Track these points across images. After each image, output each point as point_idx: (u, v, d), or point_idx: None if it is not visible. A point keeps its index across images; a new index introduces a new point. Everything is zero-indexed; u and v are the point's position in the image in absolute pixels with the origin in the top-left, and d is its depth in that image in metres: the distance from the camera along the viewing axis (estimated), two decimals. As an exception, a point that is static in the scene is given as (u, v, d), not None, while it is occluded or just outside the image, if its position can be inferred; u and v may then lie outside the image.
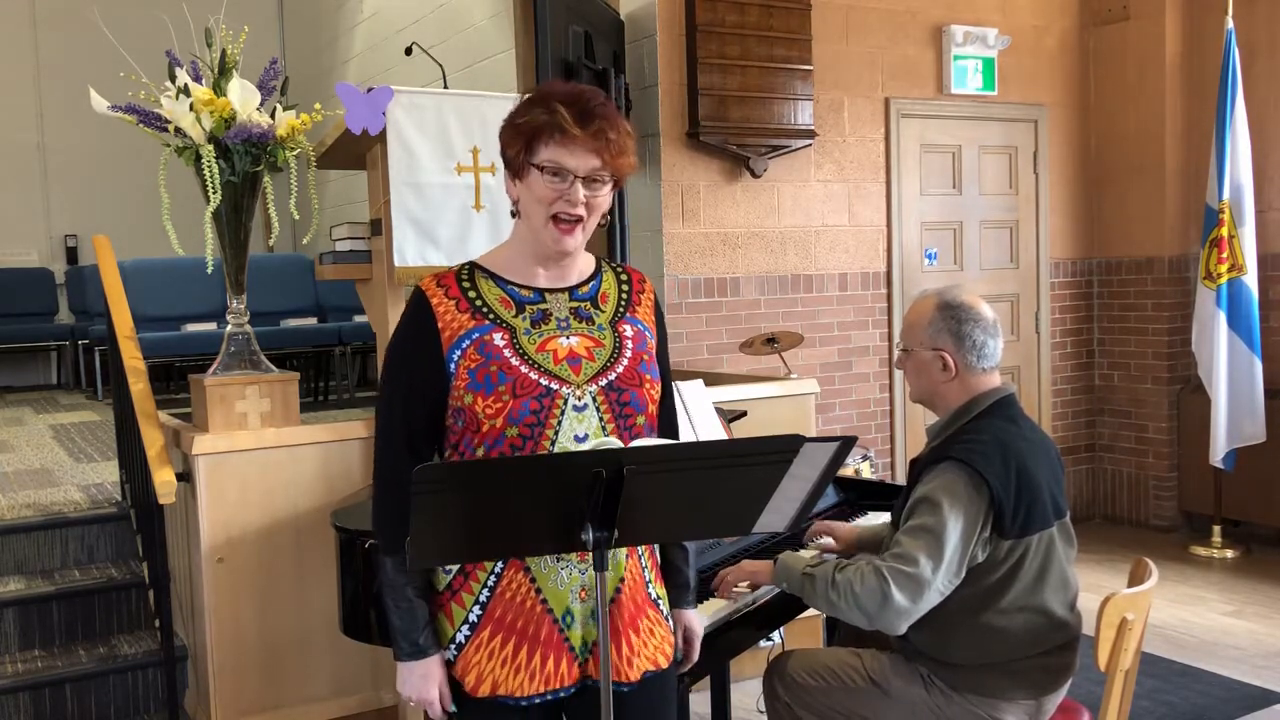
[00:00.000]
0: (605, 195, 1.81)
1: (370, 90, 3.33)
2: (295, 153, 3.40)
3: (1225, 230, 5.54)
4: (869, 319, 5.76)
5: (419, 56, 4.37)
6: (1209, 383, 5.59)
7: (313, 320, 7.71)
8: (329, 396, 7.54)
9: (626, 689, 1.85)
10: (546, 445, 1.76)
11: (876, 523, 2.90)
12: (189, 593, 3.50)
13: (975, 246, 6.14)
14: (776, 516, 1.71)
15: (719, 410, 3.14)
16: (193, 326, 7.11)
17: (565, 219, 1.78)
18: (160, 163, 3.26)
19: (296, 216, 3.37)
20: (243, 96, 3.25)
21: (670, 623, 1.97)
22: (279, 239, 4.41)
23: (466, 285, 1.85)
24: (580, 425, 1.78)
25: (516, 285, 1.86)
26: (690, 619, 2.05)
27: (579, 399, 1.78)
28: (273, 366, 3.50)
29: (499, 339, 1.79)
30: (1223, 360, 5.53)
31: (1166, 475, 6.27)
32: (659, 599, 1.94)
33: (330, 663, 3.41)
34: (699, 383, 3.11)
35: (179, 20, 3.45)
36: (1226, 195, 5.54)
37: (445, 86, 4.01)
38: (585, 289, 1.90)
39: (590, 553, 1.62)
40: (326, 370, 7.70)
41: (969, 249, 6.12)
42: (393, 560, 1.82)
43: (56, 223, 9.54)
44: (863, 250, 5.72)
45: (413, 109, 3.41)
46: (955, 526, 2.30)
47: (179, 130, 3.25)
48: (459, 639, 1.83)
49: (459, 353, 1.79)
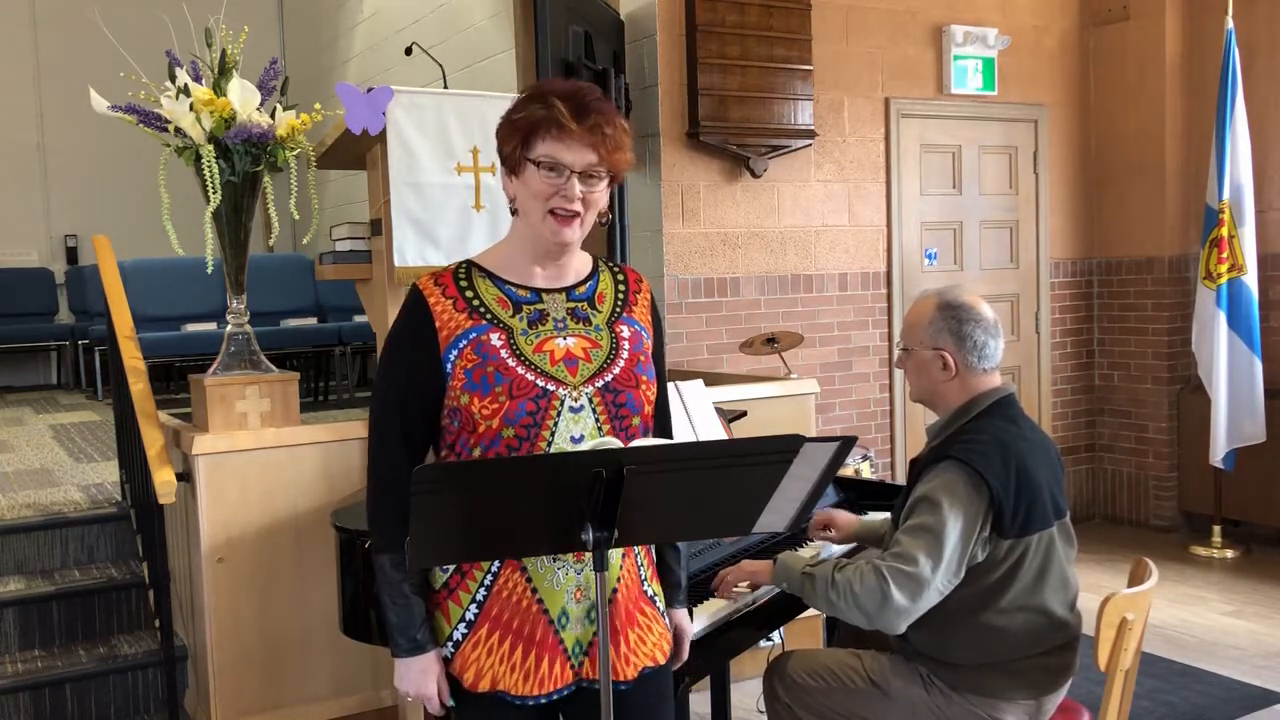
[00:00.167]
0: (602, 191, 1.81)
1: (370, 90, 3.33)
2: (295, 153, 3.40)
3: (1225, 230, 5.54)
4: (869, 319, 5.76)
5: (419, 56, 4.37)
6: (1209, 383, 5.59)
7: (313, 320, 7.71)
8: (329, 396, 7.55)
9: (624, 687, 1.85)
10: (543, 446, 1.76)
11: (878, 518, 2.90)
12: (189, 593, 3.50)
13: (975, 246, 6.14)
14: (776, 516, 1.71)
15: (719, 410, 3.14)
16: (193, 326, 7.11)
17: (562, 213, 1.78)
18: (160, 163, 3.26)
19: (296, 216, 3.37)
20: (243, 96, 3.25)
21: (666, 620, 1.97)
22: (279, 239, 4.42)
23: (464, 285, 1.84)
24: (576, 426, 1.77)
25: (514, 285, 1.85)
26: (680, 618, 2.06)
27: (575, 400, 1.78)
28: (273, 366, 3.50)
29: (496, 339, 1.79)
30: (1223, 360, 5.53)
31: (1166, 475, 6.27)
32: (655, 596, 1.95)
33: (330, 663, 3.41)
34: (699, 383, 3.11)
35: (179, 20, 3.45)
36: (1226, 195, 5.54)
37: (445, 86, 4.00)
38: (582, 289, 1.89)
39: (586, 553, 1.61)
40: (326, 370, 7.70)
41: (969, 249, 6.12)
42: (389, 557, 1.82)
43: (56, 223, 9.54)
44: (863, 250, 5.72)
45: (413, 109, 3.41)
46: (955, 526, 2.30)
47: (179, 130, 3.25)
48: (456, 636, 1.83)
49: (456, 352, 1.79)
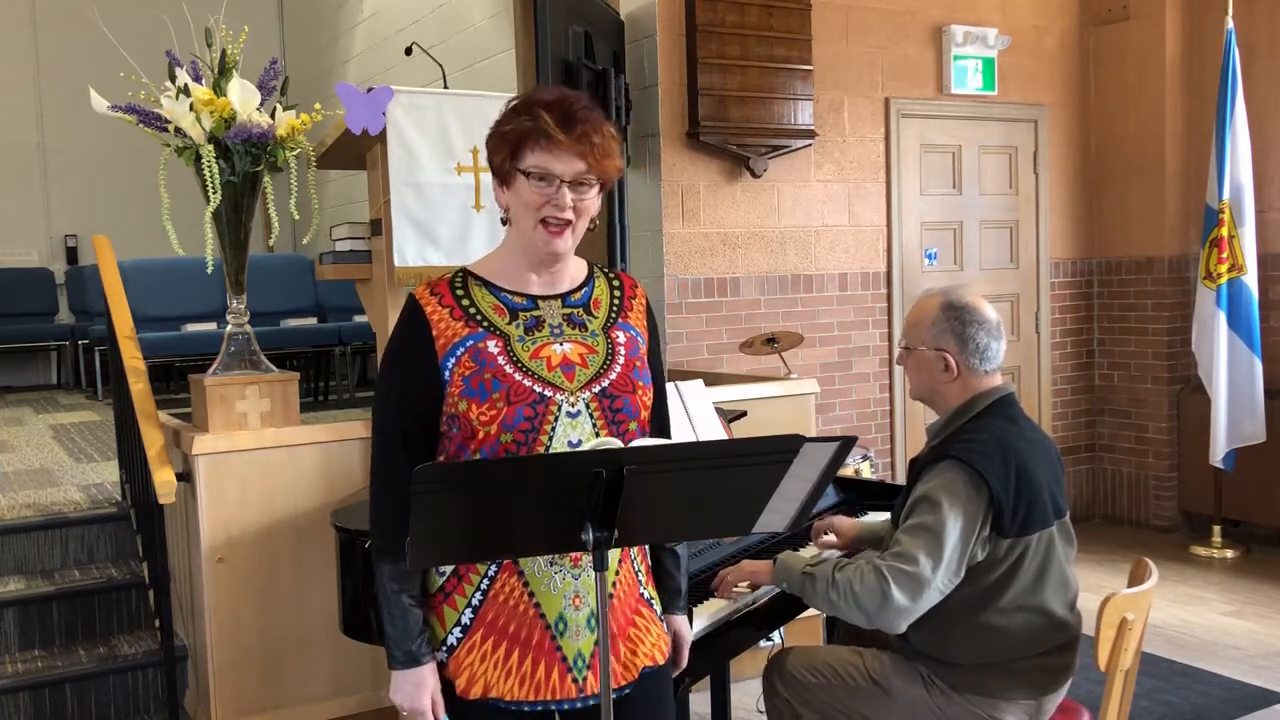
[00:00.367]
0: (592, 198, 1.82)
1: (370, 90, 3.33)
2: (295, 153, 3.40)
3: (1225, 230, 5.54)
4: (869, 319, 5.76)
5: (419, 56, 4.37)
6: (1209, 383, 5.59)
7: (313, 320, 7.71)
8: (329, 396, 7.55)
9: (624, 692, 1.85)
10: (541, 452, 1.77)
11: (878, 520, 2.90)
12: (189, 593, 3.50)
13: (975, 246, 6.14)
14: (776, 516, 1.71)
15: (719, 410, 3.14)
16: (193, 326, 7.11)
17: (554, 223, 1.79)
18: (160, 163, 3.26)
19: (296, 216, 3.38)
20: (243, 96, 3.25)
21: (663, 622, 1.98)
22: (279, 239, 4.42)
23: (460, 293, 1.85)
24: (574, 432, 1.78)
25: (510, 292, 1.86)
26: (680, 624, 2.06)
27: (572, 406, 1.79)
28: (273, 366, 3.50)
29: (493, 346, 1.80)
30: (1223, 360, 5.53)
31: (1166, 475, 6.27)
32: (651, 599, 1.96)
33: (330, 663, 3.41)
34: (699, 383, 3.11)
35: (179, 20, 3.46)
36: (1226, 195, 5.54)
37: (445, 86, 4.00)
38: (578, 295, 1.90)
39: (584, 555, 1.61)
40: (326, 370, 7.70)
41: (969, 249, 6.12)
42: (390, 567, 1.82)
43: (56, 223, 9.54)
44: (863, 250, 5.72)
45: (413, 109, 3.41)
46: (955, 525, 2.30)
47: (179, 130, 3.25)
48: (450, 641, 1.83)
49: (453, 360, 1.80)
